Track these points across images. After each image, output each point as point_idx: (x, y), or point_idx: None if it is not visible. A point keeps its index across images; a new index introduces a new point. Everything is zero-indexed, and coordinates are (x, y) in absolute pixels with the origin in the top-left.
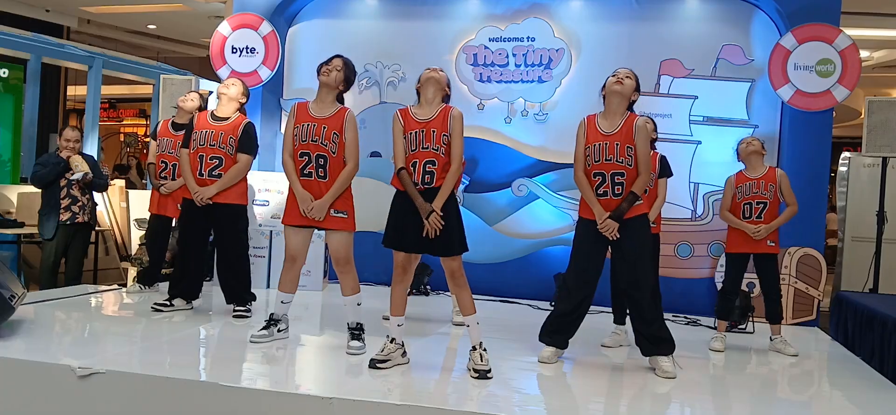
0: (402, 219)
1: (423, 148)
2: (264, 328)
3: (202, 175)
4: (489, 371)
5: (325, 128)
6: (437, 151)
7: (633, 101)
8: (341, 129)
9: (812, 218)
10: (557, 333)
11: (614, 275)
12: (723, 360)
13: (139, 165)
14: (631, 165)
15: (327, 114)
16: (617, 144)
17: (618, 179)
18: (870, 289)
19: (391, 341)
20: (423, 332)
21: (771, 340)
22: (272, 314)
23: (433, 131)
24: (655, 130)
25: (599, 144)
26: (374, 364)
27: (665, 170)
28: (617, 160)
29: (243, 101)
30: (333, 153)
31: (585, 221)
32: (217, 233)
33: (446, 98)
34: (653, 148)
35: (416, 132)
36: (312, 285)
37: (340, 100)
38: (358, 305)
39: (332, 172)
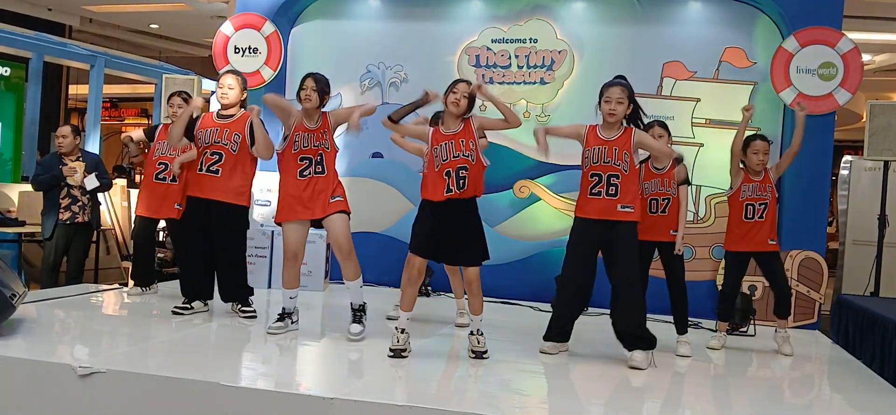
0: (431, 229)
1: (453, 157)
2: (279, 320)
3: (201, 171)
4: (486, 353)
5: (319, 134)
6: (468, 157)
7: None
8: (329, 128)
9: (813, 221)
10: (555, 330)
11: (670, 282)
12: (723, 362)
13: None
14: (626, 171)
15: (317, 124)
16: (615, 150)
17: (613, 180)
18: (871, 292)
19: (402, 331)
20: (424, 333)
21: (776, 332)
22: (284, 308)
23: (462, 141)
24: (670, 137)
25: (599, 148)
26: (398, 354)
27: (684, 179)
28: (614, 163)
29: (245, 97)
30: (328, 149)
31: (581, 221)
32: (216, 233)
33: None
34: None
35: (444, 144)
36: (314, 286)
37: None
38: (361, 287)
39: (328, 166)
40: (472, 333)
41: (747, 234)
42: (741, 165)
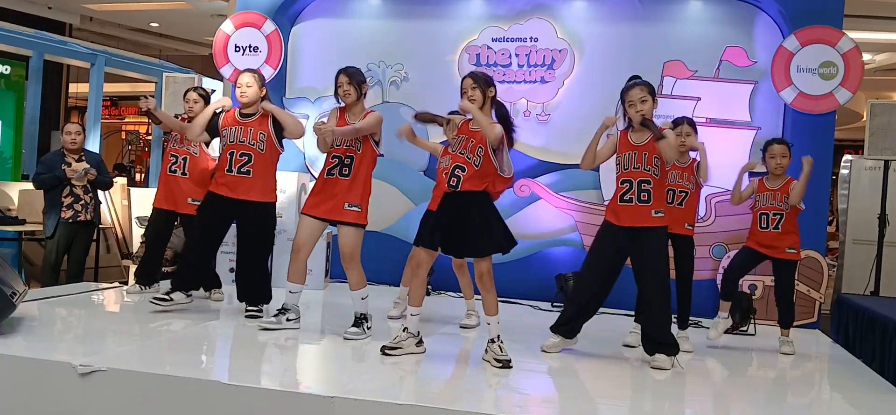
0: (435, 220)
1: (459, 153)
2: (274, 316)
3: (231, 172)
4: (510, 361)
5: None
6: (469, 159)
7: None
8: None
9: (814, 221)
10: (564, 325)
11: (678, 276)
12: (723, 362)
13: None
14: (657, 175)
15: (357, 121)
16: (645, 155)
17: (644, 186)
18: (871, 292)
19: (404, 330)
20: (425, 332)
21: (780, 335)
22: (284, 303)
23: (471, 142)
24: (696, 134)
25: (630, 154)
26: (384, 351)
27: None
28: (644, 169)
29: (264, 93)
30: (359, 151)
31: (610, 226)
32: (247, 232)
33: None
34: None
35: (461, 138)
36: (314, 284)
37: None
38: (362, 298)
39: (355, 170)
40: (491, 340)
41: (765, 242)
42: (750, 175)
